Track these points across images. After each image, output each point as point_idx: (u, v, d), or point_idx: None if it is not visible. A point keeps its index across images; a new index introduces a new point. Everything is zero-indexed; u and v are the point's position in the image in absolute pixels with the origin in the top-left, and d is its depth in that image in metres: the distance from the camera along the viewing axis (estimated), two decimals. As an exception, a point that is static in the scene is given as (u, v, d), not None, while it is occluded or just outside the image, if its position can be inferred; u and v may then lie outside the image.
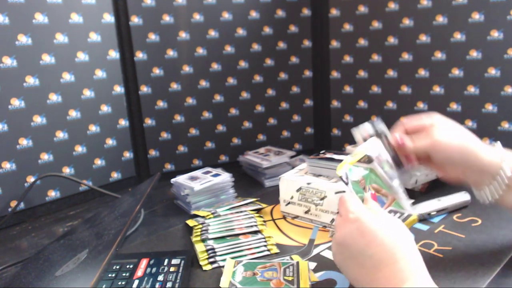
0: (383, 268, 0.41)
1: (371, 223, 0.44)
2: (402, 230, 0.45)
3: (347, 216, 0.46)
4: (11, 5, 0.78)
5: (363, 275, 0.43)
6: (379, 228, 0.43)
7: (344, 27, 1.08)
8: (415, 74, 1.00)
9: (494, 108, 0.90)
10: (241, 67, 1.07)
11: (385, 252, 0.42)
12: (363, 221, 0.44)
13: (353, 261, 0.44)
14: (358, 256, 0.43)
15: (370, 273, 0.42)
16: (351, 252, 0.44)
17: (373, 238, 0.43)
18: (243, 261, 0.59)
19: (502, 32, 0.86)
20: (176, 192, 0.86)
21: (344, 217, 0.47)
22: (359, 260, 0.43)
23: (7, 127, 0.80)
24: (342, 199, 0.49)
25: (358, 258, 0.43)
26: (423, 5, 0.95)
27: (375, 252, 0.42)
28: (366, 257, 0.43)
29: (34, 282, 0.54)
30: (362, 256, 0.43)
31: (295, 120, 1.15)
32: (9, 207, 0.82)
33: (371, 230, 0.43)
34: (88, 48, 0.90)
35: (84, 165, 0.93)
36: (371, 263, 0.42)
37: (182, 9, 0.99)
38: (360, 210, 0.46)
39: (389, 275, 0.41)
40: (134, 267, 0.59)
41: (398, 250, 0.42)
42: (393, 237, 0.43)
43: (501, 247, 0.60)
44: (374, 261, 0.42)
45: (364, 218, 0.45)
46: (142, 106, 1.01)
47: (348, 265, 0.45)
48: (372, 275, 0.42)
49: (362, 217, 0.45)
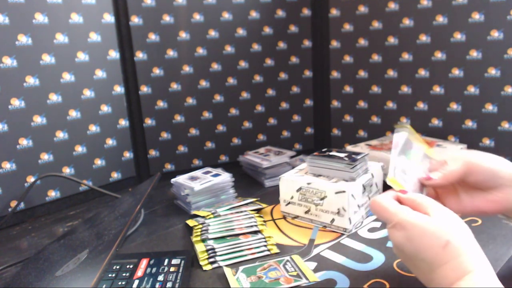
0: (436, 269, 0.43)
1: (414, 227, 0.44)
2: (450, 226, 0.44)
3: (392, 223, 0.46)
4: (11, 5, 0.78)
5: (421, 275, 0.45)
6: (425, 231, 0.43)
7: (344, 27, 1.08)
8: (415, 74, 1.00)
9: (494, 108, 0.90)
10: (241, 67, 1.07)
11: (434, 254, 0.43)
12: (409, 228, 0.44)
13: (410, 264, 0.46)
14: (413, 259, 0.45)
15: (426, 274, 0.44)
16: (406, 256, 0.46)
17: (419, 243, 0.44)
18: (239, 268, 0.58)
19: (502, 32, 0.86)
20: (176, 192, 0.86)
21: (390, 225, 0.47)
22: (414, 263, 0.45)
23: (7, 127, 0.80)
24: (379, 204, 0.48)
25: (413, 262, 0.45)
26: (423, 5, 0.95)
27: (425, 256, 0.43)
28: (419, 261, 0.44)
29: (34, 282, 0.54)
30: (416, 261, 0.45)
31: (295, 120, 1.15)
32: (9, 207, 0.82)
33: (416, 235, 0.44)
34: (88, 48, 0.90)
35: (84, 165, 0.93)
36: (425, 266, 0.44)
37: (182, 9, 0.99)
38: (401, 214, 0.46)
39: (443, 274, 0.42)
40: (134, 267, 0.59)
41: (447, 250, 0.42)
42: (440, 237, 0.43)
43: (501, 247, 0.60)
44: (427, 264, 0.43)
45: (409, 225, 0.44)
46: (142, 106, 1.01)
47: (409, 266, 0.47)
48: (428, 275, 0.44)
49: (404, 222, 0.45)
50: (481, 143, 0.93)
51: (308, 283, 0.54)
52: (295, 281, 0.54)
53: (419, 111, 1.01)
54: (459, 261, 0.41)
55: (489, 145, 0.92)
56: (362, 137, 1.12)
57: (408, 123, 1.04)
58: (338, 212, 0.69)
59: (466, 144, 0.92)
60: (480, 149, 0.56)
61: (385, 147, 0.92)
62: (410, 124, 1.03)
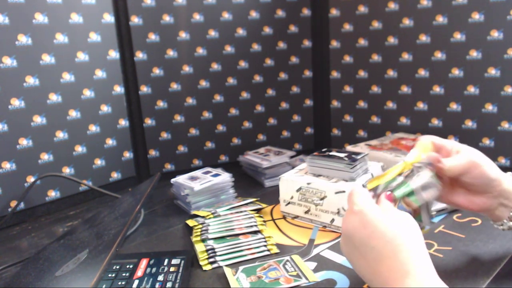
0: (385, 259, 0.42)
1: (373, 215, 0.44)
2: (407, 224, 0.44)
3: (352, 208, 0.47)
4: (11, 5, 0.78)
5: (366, 267, 0.44)
6: (381, 220, 0.44)
7: (344, 27, 1.08)
8: (415, 74, 1.00)
9: (494, 108, 0.90)
10: (241, 67, 1.07)
11: (386, 243, 0.42)
12: (366, 213, 0.45)
13: (357, 252, 0.45)
14: (360, 247, 0.44)
15: (372, 265, 0.43)
16: (354, 243, 0.45)
17: (374, 229, 0.43)
18: (239, 268, 0.58)
19: (502, 32, 0.86)
20: (176, 192, 0.86)
21: (349, 209, 0.47)
22: (361, 251, 0.44)
23: (7, 127, 0.80)
24: (351, 192, 0.49)
25: (361, 250, 0.44)
26: (423, 5, 0.95)
27: (377, 244, 0.42)
28: (368, 248, 0.43)
29: (34, 282, 0.54)
30: (365, 248, 0.44)
31: (295, 120, 1.15)
32: (9, 207, 0.82)
33: (373, 221, 0.44)
34: (88, 48, 0.90)
35: (84, 165, 0.93)
36: (373, 255, 0.43)
37: (182, 9, 0.99)
38: (365, 202, 0.47)
39: (390, 267, 0.41)
40: (134, 267, 0.59)
41: (400, 242, 0.42)
42: (396, 229, 0.43)
43: (501, 247, 0.60)
44: (376, 252, 0.42)
45: (367, 210, 0.45)
46: (142, 106, 1.01)
47: (353, 256, 0.46)
48: (375, 266, 0.42)
49: (365, 209, 0.45)
50: (481, 143, 0.93)
51: (308, 283, 0.54)
52: (295, 281, 0.54)
53: (419, 111, 1.01)
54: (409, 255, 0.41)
55: (489, 145, 0.92)
56: (362, 137, 1.12)
57: (408, 123, 1.04)
58: (338, 212, 0.69)
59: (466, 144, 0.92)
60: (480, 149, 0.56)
61: (385, 147, 0.92)
62: (410, 124, 1.03)
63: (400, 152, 0.87)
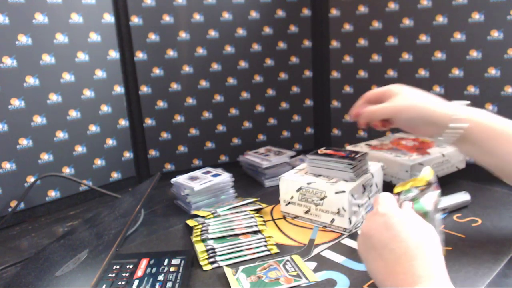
0: (402, 263, 0.42)
1: (398, 219, 0.45)
2: (429, 232, 0.45)
3: (377, 210, 0.48)
4: (11, 5, 0.78)
5: (382, 267, 0.44)
6: (405, 225, 0.45)
7: (344, 27, 1.08)
8: (415, 74, 1.00)
9: (494, 108, 0.90)
10: (241, 67, 1.07)
11: (406, 248, 0.43)
12: (391, 216, 0.46)
13: (375, 252, 0.45)
14: (380, 248, 0.45)
15: (388, 266, 0.43)
16: (374, 244, 0.46)
17: (397, 233, 0.44)
18: (239, 268, 0.58)
19: (502, 32, 0.86)
20: (176, 192, 0.86)
21: (374, 211, 0.49)
22: (380, 252, 0.45)
23: (7, 127, 0.80)
24: (377, 196, 0.51)
25: (380, 251, 0.45)
26: (423, 5, 0.95)
27: (397, 247, 0.43)
28: (388, 250, 0.44)
29: (34, 282, 0.54)
30: (384, 249, 0.44)
31: (295, 120, 1.15)
32: (9, 207, 0.82)
33: (397, 225, 0.45)
34: (88, 48, 0.90)
35: (84, 165, 0.93)
36: (391, 257, 0.43)
37: (182, 9, 0.99)
38: (391, 206, 0.48)
39: (406, 270, 0.42)
40: (134, 267, 0.59)
41: (420, 249, 0.43)
42: (418, 236, 0.44)
43: (501, 247, 0.60)
44: (395, 255, 0.43)
45: (393, 213, 0.46)
46: (142, 106, 1.01)
47: (369, 256, 0.46)
48: (391, 268, 0.43)
49: (391, 212, 0.46)
50: (481, 143, 0.93)
51: (308, 283, 0.54)
52: (295, 281, 0.54)
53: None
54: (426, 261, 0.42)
55: (489, 145, 0.92)
56: (362, 137, 1.12)
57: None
58: (338, 212, 0.69)
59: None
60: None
61: (385, 147, 0.92)
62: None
63: (400, 152, 0.87)
